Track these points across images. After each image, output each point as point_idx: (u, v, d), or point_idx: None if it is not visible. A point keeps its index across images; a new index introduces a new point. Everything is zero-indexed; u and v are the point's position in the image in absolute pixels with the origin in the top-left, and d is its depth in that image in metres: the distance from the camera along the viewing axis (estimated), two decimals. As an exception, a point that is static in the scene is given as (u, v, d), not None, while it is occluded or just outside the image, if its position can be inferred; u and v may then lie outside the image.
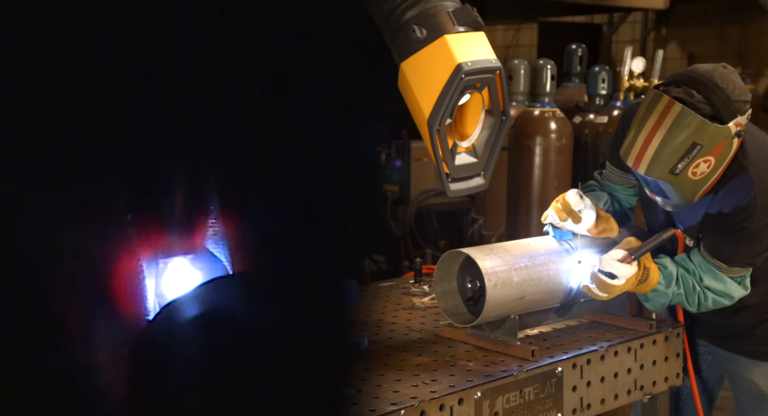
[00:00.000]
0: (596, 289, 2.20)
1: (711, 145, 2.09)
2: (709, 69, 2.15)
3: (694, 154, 2.09)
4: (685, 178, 2.13)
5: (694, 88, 2.11)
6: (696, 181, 2.14)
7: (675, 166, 2.10)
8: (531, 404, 2.03)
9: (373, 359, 2.08)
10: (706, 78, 2.11)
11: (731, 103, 2.10)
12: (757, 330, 2.44)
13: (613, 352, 2.23)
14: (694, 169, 2.11)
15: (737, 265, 2.26)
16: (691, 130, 2.06)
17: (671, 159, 2.10)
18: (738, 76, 2.17)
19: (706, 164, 2.11)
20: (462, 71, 1.59)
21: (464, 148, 1.75)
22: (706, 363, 2.64)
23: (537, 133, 4.15)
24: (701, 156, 2.09)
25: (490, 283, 2.11)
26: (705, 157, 2.10)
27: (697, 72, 2.14)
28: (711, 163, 2.12)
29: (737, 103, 2.11)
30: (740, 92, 2.12)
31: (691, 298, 2.28)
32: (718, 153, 2.11)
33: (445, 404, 1.85)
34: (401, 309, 2.55)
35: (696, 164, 2.10)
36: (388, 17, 1.63)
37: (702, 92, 2.10)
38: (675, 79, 2.16)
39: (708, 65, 2.18)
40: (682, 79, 2.14)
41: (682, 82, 2.13)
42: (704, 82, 2.11)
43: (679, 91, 2.11)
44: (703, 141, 2.08)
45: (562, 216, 2.28)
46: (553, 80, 4.27)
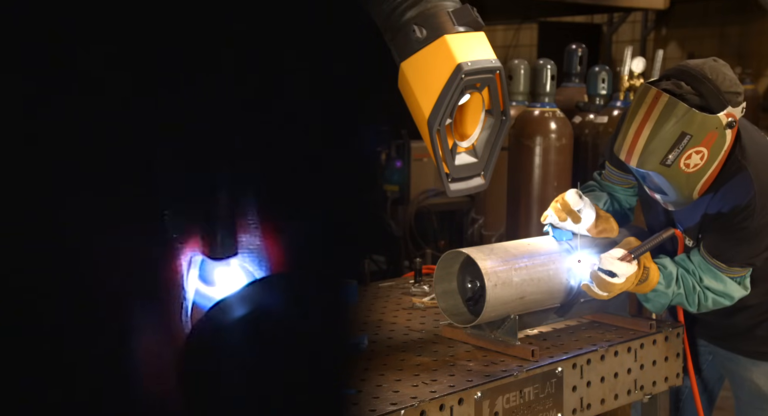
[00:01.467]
0: (596, 288, 2.20)
1: (701, 135, 2.10)
2: (699, 62, 2.19)
3: (684, 144, 2.10)
4: (678, 170, 2.13)
5: (683, 80, 2.14)
6: (690, 174, 2.15)
7: (665, 156, 2.11)
8: (531, 404, 2.03)
9: (373, 359, 2.08)
10: (695, 70, 2.15)
11: (721, 94, 2.11)
12: (757, 330, 2.44)
13: (613, 352, 2.23)
14: (686, 160, 2.12)
15: (737, 265, 2.27)
16: (678, 119, 2.09)
17: (661, 149, 2.11)
18: (729, 69, 2.20)
19: (698, 155, 2.12)
20: (462, 71, 1.59)
21: (464, 148, 1.75)
22: (706, 363, 2.64)
23: (537, 133, 4.15)
24: (692, 146, 2.11)
25: (490, 283, 2.11)
26: (696, 147, 2.11)
27: (687, 65, 2.18)
28: (704, 155, 2.13)
29: (727, 94, 2.12)
30: (730, 83, 2.14)
31: (691, 298, 2.28)
32: (710, 144, 2.12)
33: (445, 404, 1.85)
34: (401, 309, 2.55)
35: (687, 155, 2.11)
36: (388, 17, 1.63)
37: (690, 83, 2.13)
38: (666, 74, 2.20)
39: (699, 60, 2.21)
40: (673, 72, 2.18)
41: (672, 76, 2.17)
42: (693, 73, 2.14)
43: (669, 83, 2.15)
44: (692, 130, 2.09)
45: (561, 217, 2.28)
46: (553, 80, 4.27)
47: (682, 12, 9.80)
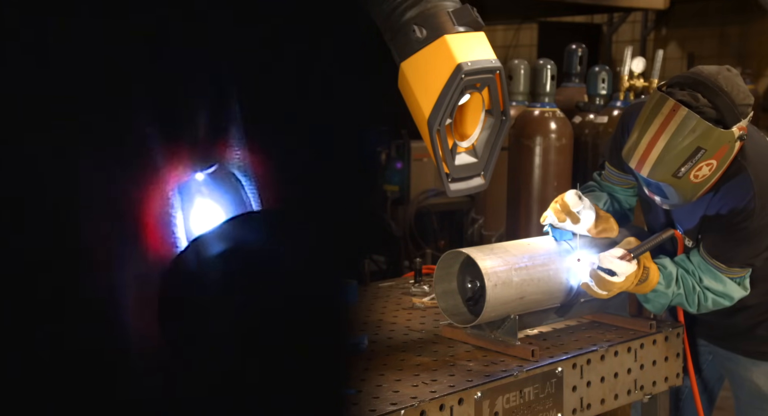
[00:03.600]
0: (596, 287, 2.20)
1: (714, 149, 2.09)
2: (713, 72, 2.14)
3: (697, 158, 2.09)
4: (687, 181, 2.13)
5: (699, 91, 2.10)
6: (697, 184, 2.15)
7: (678, 169, 2.10)
8: (531, 404, 2.03)
9: (373, 359, 2.08)
10: (711, 81, 2.11)
11: (735, 107, 2.10)
12: (757, 330, 2.44)
13: (613, 352, 2.23)
14: (696, 172, 2.11)
15: (736, 266, 2.26)
16: (696, 135, 2.06)
17: (675, 162, 2.10)
18: (741, 79, 2.17)
19: (708, 167, 2.12)
20: (462, 71, 1.59)
21: (464, 148, 1.75)
22: (706, 363, 2.64)
23: (537, 133, 4.15)
24: (704, 159, 2.10)
25: (490, 283, 2.11)
26: (708, 160, 2.10)
27: (701, 75, 2.13)
28: (713, 166, 2.12)
29: (741, 107, 2.11)
30: (744, 96, 2.12)
31: (691, 299, 2.28)
32: (721, 156, 2.11)
33: (445, 404, 1.85)
34: (401, 309, 2.55)
35: (699, 167, 2.10)
36: (388, 17, 1.63)
37: (707, 96, 2.09)
38: (679, 81, 2.15)
39: (712, 67, 2.17)
40: (687, 81, 2.13)
41: (686, 85, 2.13)
42: (709, 85, 2.10)
43: (684, 94, 2.10)
44: (707, 145, 2.08)
45: (560, 218, 2.28)
46: (553, 80, 4.27)
47: (682, 12, 9.79)
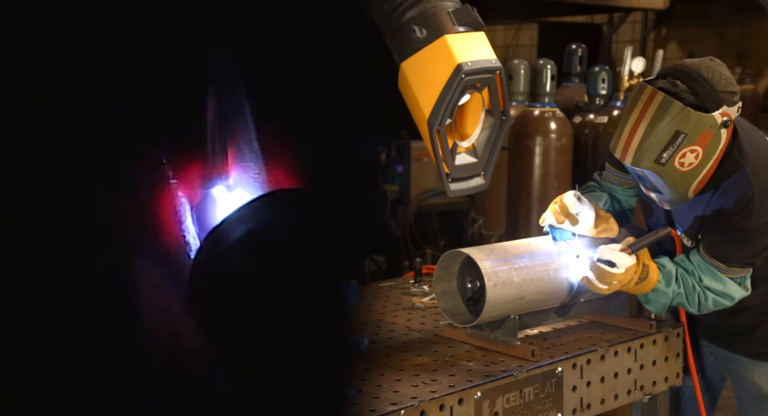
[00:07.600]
0: (596, 280, 2.20)
1: (695, 133, 2.11)
2: (695, 61, 2.20)
3: (678, 143, 2.11)
4: (673, 169, 2.14)
5: (679, 78, 2.15)
6: (685, 173, 2.16)
7: (660, 155, 2.12)
8: (531, 404, 2.03)
9: (373, 359, 2.08)
10: (691, 69, 2.16)
11: (716, 93, 2.12)
12: (758, 330, 2.44)
13: (613, 352, 2.23)
14: (680, 159, 2.13)
15: (736, 265, 2.26)
16: (672, 118, 2.10)
17: (656, 148, 2.12)
18: (726, 69, 2.20)
19: (693, 154, 2.13)
20: (462, 71, 1.59)
21: (464, 148, 1.75)
22: (708, 364, 2.63)
23: (537, 133, 4.14)
24: (686, 145, 2.11)
25: (490, 283, 2.11)
26: (691, 146, 2.12)
27: (683, 64, 2.19)
28: (698, 154, 2.13)
29: (722, 93, 2.13)
30: (726, 83, 2.15)
31: (692, 298, 2.28)
32: (705, 143, 2.13)
33: (445, 404, 1.85)
34: (401, 309, 2.55)
35: (682, 154, 2.12)
36: (388, 17, 1.63)
37: (686, 82, 2.14)
38: (662, 72, 2.21)
39: (696, 59, 2.22)
40: (669, 71, 2.19)
41: (668, 74, 2.18)
42: (688, 72, 2.15)
43: (664, 82, 2.16)
44: (687, 129, 2.10)
45: (559, 219, 2.28)
46: (553, 80, 4.27)
47: (682, 12, 9.80)
